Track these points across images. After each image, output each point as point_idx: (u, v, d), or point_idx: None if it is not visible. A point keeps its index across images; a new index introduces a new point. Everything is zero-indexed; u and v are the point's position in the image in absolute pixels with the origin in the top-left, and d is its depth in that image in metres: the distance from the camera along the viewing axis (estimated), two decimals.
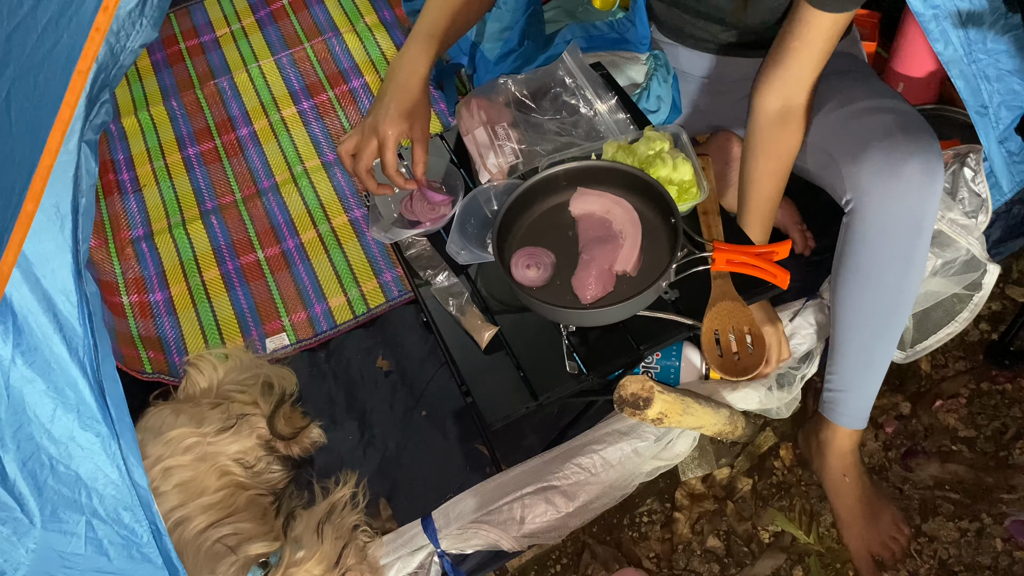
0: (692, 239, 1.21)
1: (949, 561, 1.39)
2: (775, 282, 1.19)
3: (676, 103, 1.51)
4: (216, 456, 1.35)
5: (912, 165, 1.13)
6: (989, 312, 1.63)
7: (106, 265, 1.90)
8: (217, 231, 1.95)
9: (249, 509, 1.32)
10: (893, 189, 1.14)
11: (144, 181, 2.08)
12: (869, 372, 1.31)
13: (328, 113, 2.13)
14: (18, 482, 0.96)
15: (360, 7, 2.33)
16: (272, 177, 2.03)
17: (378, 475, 1.52)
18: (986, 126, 1.30)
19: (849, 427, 1.36)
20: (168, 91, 2.28)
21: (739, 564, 1.44)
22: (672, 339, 1.23)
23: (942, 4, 1.17)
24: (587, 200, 1.25)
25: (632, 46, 1.51)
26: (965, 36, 1.20)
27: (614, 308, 1.12)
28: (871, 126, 1.19)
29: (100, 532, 1.00)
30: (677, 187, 1.25)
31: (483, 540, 1.27)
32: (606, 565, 1.45)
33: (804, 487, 1.50)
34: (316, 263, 1.86)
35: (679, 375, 1.39)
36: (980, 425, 1.52)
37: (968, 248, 1.35)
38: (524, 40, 1.56)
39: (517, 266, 1.20)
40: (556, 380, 1.19)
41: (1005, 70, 1.26)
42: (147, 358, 1.73)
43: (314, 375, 1.69)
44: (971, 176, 1.33)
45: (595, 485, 1.30)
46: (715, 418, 1.31)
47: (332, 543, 1.20)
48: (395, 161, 1.17)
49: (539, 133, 1.36)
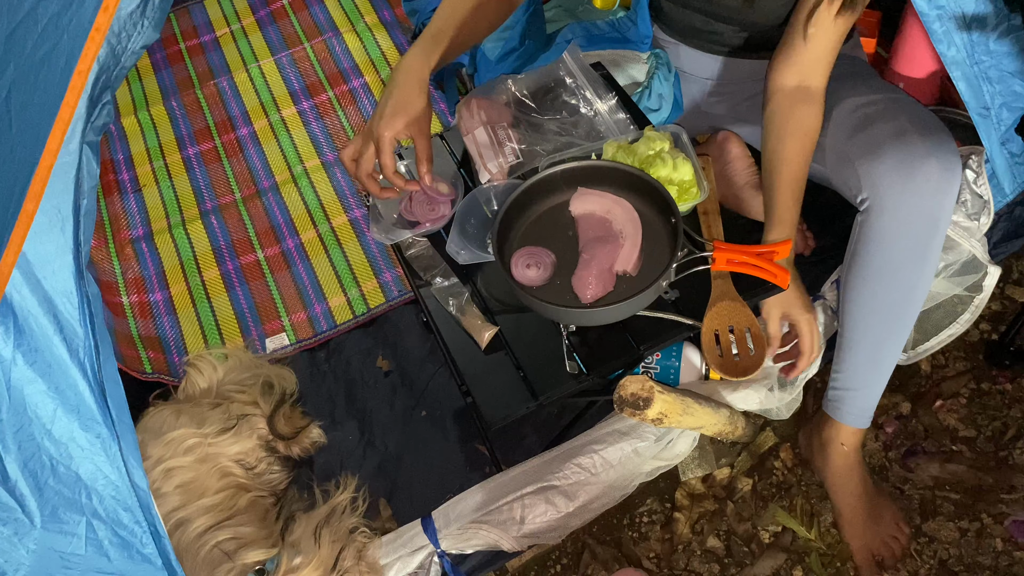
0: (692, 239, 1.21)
1: (949, 561, 1.39)
2: (775, 282, 1.19)
3: (678, 101, 1.51)
4: (217, 457, 1.35)
5: (931, 163, 1.14)
6: (989, 312, 1.63)
7: (106, 265, 1.90)
8: (217, 231, 1.95)
9: (250, 511, 1.32)
10: (912, 187, 1.15)
11: (144, 181, 2.08)
12: (877, 371, 1.31)
13: (328, 113, 2.13)
14: (19, 482, 0.96)
15: (360, 7, 2.33)
16: (272, 177, 2.03)
17: (378, 475, 1.52)
18: (988, 128, 1.30)
19: (853, 426, 1.36)
20: (168, 91, 2.28)
21: (739, 564, 1.44)
22: (672, 339, 1.23)
23: (946, 5, 1.17)
24: (587, 200, 1.25)
25: (633, 45, 1.51)
26: (968, 38, 1.20)
27: (614, 308, 1.13)
28: (887, 124, 1.20)
29: (100, 533, 1.00)
30: (677, 187, 1.25)
31: (483, 540, 1.27)
32: (606, 565, 1.46)
33: (804, 487, 1.50)
34: (316, 263, 1.86)
35: (679, 375, 1.39)
36: (980, 425, 1.52)
37: (970, 250, 1.35)
38: (524, 40, 1.56)
39: (517, 266, 1.20)
40: (556, 380, 1.19)
41: (1007, 72, 1.26)
42: (147, 358, 1.73)
43: (314, 375, 1.69)
44: (973, 178, 1.33)
45: (595, 485, 1.30)
46: (715, 418, 1.31)
47: (329, 547, 1.20)
48: (392, 163, 1.17)
49: (539, 133, 1.36)
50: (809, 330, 1.28)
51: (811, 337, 1.29)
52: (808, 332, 1.28)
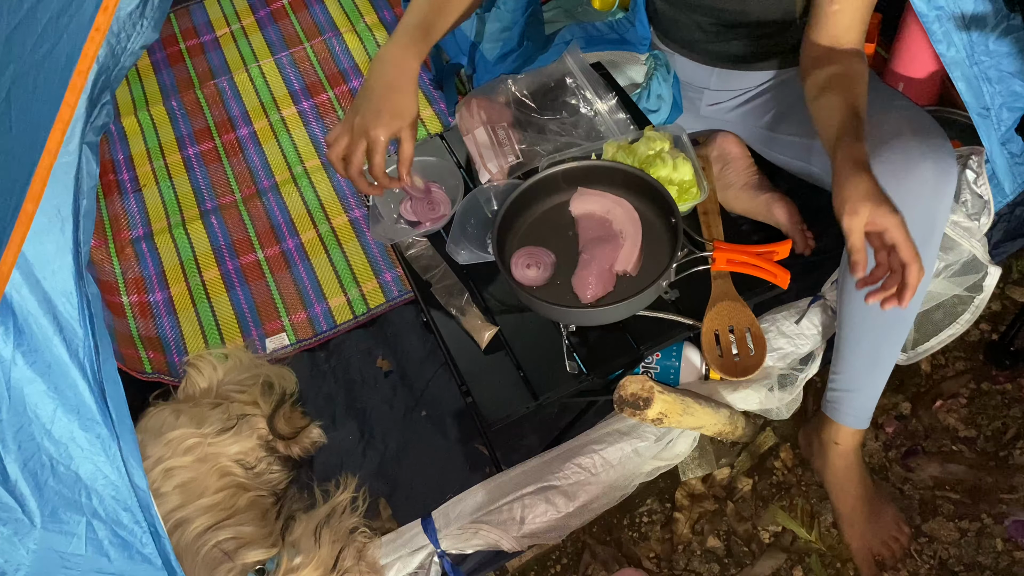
0: (692, 239, 1.21)
1: (949, 561, 1.39)
2: (775, 282, 1.20)
3: (677, 102, 1.51)
4: (217, 457, 1.35)
5: (926, 165, 1.12)
6: (989, 312, 1.63)
7: (106, 265, 1.90)
8: (217, 231, 1.95)
9: (250, 510, 1.32)
10: (906, 189, 1.13)
11: (144, 181, 2.08)
12: (874, 372, 1.31)
13: (328, 113, 2.13)
14: (19, 483, 0.96)
15: (360, 7, 2.33)
16: (272, 177, 2.03)
17: (378, 475, 1.52)
18: (988, 128, 1.30)
19: (852, 427, 1.36)
20: (168, 91, 2.28)
21: (739, 564, 1.44)
22: (672, 339, 1.23)
23: (946, 5, 1.17)
24: (587, 200, 1.25)
25: (631, 46, 1.52)
26: (968, 38, 1.20)
27: (614, 308, 1.13)
28: (883, 127, 1.19)
29: (100, 533, 1.00)
30: (677, 187, 1.25)
31: (483, 540, 1.27)
32: (606, 565, 1.46)
33: (804, 487, 1.50)
34: (316, 263, 1.86)
35: (679, 375, 1.39)
36: (980, 425, 1.52)
37: (971, 250, 1.35)
38: (524, 40, 1.56)
39: (517, 266, 1.20)
40: (556, 380, 1.19)
41: (1007, 72, 1.26)
42: (147, 358, 1.73)
43: (314, 375, 1.69)
44: (973, 178, 1.33)
45: (595, 485, 1.30)
46: (715, 418, 1.31)
47: (329, 547, 1.20)
48: (383, 163, 1.15)
49: (539, 133, 1.36)
50: (904, 235, 0.99)
51: (909, 243, 0.99)
52: (904, 239, 0.98)
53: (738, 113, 1.53)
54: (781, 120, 1.47)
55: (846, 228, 1.01)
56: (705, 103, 1.55)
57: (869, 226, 1.00)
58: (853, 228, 1.00)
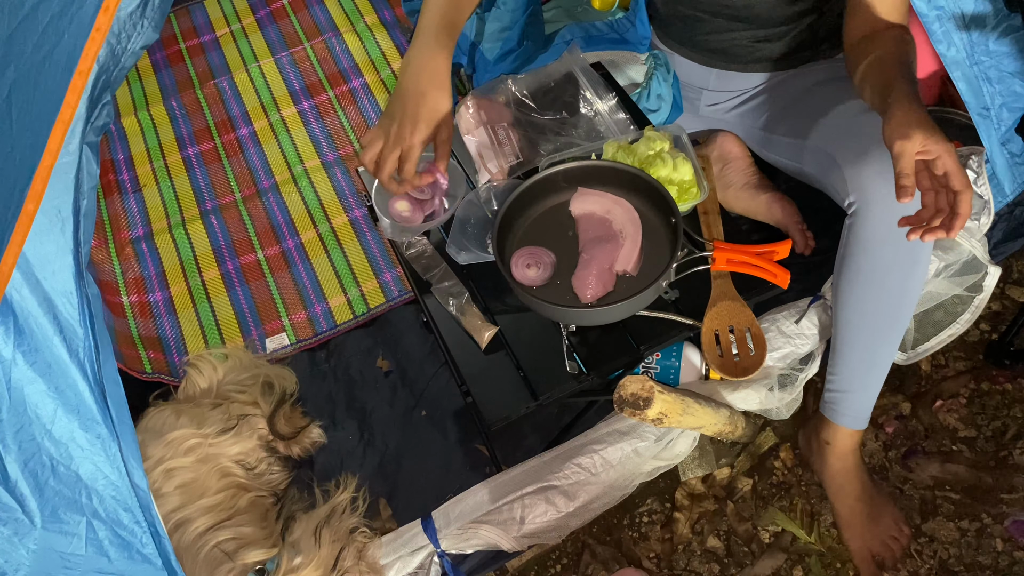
0: (692, 239, 1.21)
1: (949, 561, 1.39)
2: (775, 282, 1.20)
3: (677, 102, 1.51)
4: (217, 457, 1.35)
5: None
6: (989, 312, 1.63)
7: (106, 265, 1.90)
8: (217, 231, 1.95)
9: (250, 511, 1.32)
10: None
11: (144, 181, 2.08)
12: (871, 373, 1.31)
13: (328, 113, 2.13)
14: (19, 483, 0.96)
15: (360, 7, 2.33)
16: (272, 177, 2.03)
17: (378, 475, 1.52)
18: (988, 128, 1.30)
19: (850, 427, 1.36)
20: (168, 91, 2.28)
21: (739, 564, 1.44)
22: (672, 339, 1.23)
23: (946, 5, 1.17)
24: (587, 200, 1.25)
25: (632, 46, 1.52)
26: (968, 38, 1.20)
27: (614, 307, 1.13)
28: (874, 128, 1.19)
29: (100, 533, 1.00)
30: (677, 187, 1.25)
31: (483, 540, 1.27)
32: (606, 565, 1.46)
33: (804, 487, 1.50)
34: (316, 263, 1.86)
35: (679, 375, 1.39)
36: (980, 425, 1.52)
37: (970, 250, 1.35)
38: (524, 40, 1.56)
39: (517, 266, 1.20)
40: (556, 380, 1.19)
41: (1007, 72, 1.26)
42: (147, 358, 1.73)
43: (314, 375, 1.69)
44: (973, 178, 1.33)
45: (595, 485, 1.30)
46: (715, 418, 1.31)
47: (329, 547, 1.20)
48: (414, 170, 1.17)
49: (539, 133, 1.36)
50: (956, 163, 0.97)
51: (960, 170, 0.97)
52: (956, 166, 0.97)
53: (736, 113, 1.53)
54: (776, 121, 1.47)
55: (897, 152, 0.98)
56: (704, 103, 1.55)
57: (921, 153, 0.97)
58: (904, 152, 0.98)
